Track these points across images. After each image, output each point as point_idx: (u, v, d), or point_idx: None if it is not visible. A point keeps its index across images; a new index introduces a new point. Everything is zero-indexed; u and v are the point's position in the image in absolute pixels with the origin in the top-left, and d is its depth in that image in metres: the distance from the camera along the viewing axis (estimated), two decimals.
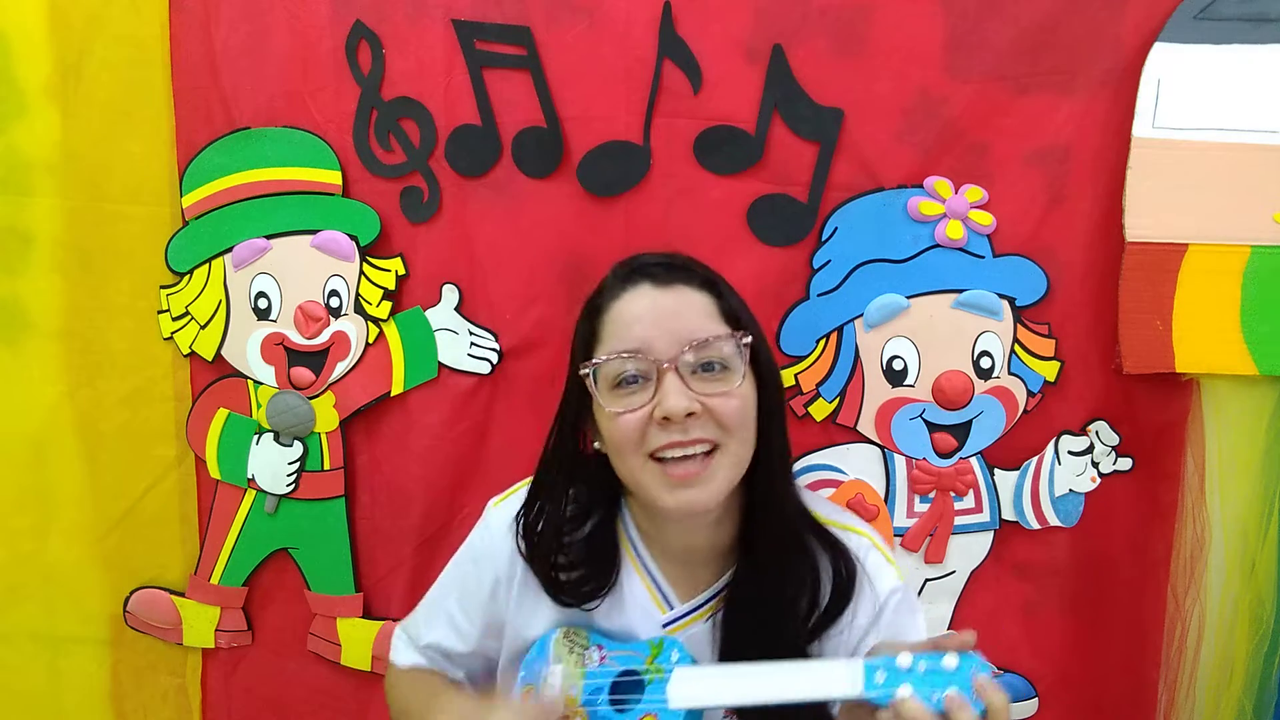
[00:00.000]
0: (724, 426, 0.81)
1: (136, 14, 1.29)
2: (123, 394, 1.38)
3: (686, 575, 0.92)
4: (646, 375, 0.81)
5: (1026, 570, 1.29)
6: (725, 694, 0.78)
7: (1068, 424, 1.26)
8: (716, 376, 0.81)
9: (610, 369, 0.82)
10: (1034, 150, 1.20)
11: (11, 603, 1.43)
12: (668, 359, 0.80)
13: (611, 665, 0.85)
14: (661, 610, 0.92)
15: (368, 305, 1.31)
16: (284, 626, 1.41)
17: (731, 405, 0.81)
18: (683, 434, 0.80)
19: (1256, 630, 1.23)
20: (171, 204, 1.33)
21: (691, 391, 0.80)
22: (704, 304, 0.84)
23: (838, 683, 0.73)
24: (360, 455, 1.36)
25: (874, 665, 0.72)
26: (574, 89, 1.23)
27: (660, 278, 0.85)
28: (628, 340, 0.82)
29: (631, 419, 0.80)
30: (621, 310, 0.84)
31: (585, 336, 0.87)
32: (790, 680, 0.75)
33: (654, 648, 0.86)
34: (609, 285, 0.87)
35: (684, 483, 0.80)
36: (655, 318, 0.82)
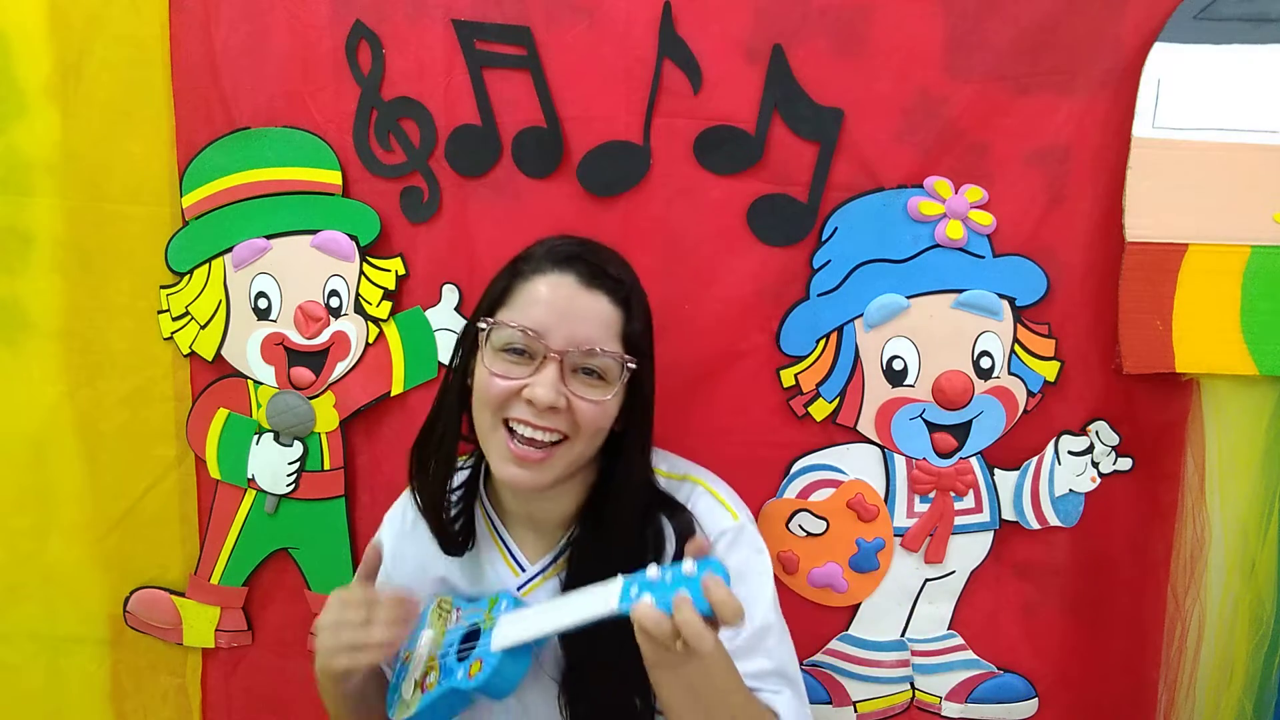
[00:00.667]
0: (577, 426, 0.87)
1: (136, 14, 1.29)
2: (123, 394, 1.38)
3: (535, 539, 0.98)
4: (533, 355, 0.87)
5: (1026, 570, 1.29)
6: (530, 629, 0.85)
7: (1068, 424, 1.26)
8: (591, 383, 0.88)
9: (504, 334, 0.88)
10: (1034, 150, 1.20)
11: (11, 603, 1.43)
12: (557, 350, 0.86)
13: (463, 623, 0.93)
14: (515, 573, 0.98)
15: (368, 305, 1.31)
16: (284, 626, 1.41)
17: (592, 412, 0.87)
18: (537, 419, 0.86)
19: (1256, 630, 1.23)
20: (171, 204, 1.33)
21: (564, 388, 0.86)
22: (611, 318, 0.89)
23: (602, 601, 0.79)
24: (360, 455, 1.36)
25: (630, 581, 0.78)
26: (574, 89, 1.23)
27: (585, 277, 0.89)
28: (531, 318, 0.87)
29: (502, 384, 0.87)
30: (538, 288, 0.89)
31: (496, 292, 0.93)
32: (576, 606, 0.81)
33: (491, 602, 0.93)
34: (539, 257, 0.92)
35: (521, 462, 0.87)
36: (564, 311, 0.87)
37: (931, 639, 1.30)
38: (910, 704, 1.32)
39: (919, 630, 1.30)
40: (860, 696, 1.31)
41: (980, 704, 1.29)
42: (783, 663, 0.95)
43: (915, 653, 1.30)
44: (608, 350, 0.87)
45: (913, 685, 1.31)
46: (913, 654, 1.30)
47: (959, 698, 1.30)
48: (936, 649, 1.30)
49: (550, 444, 0.87)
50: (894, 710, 1.32)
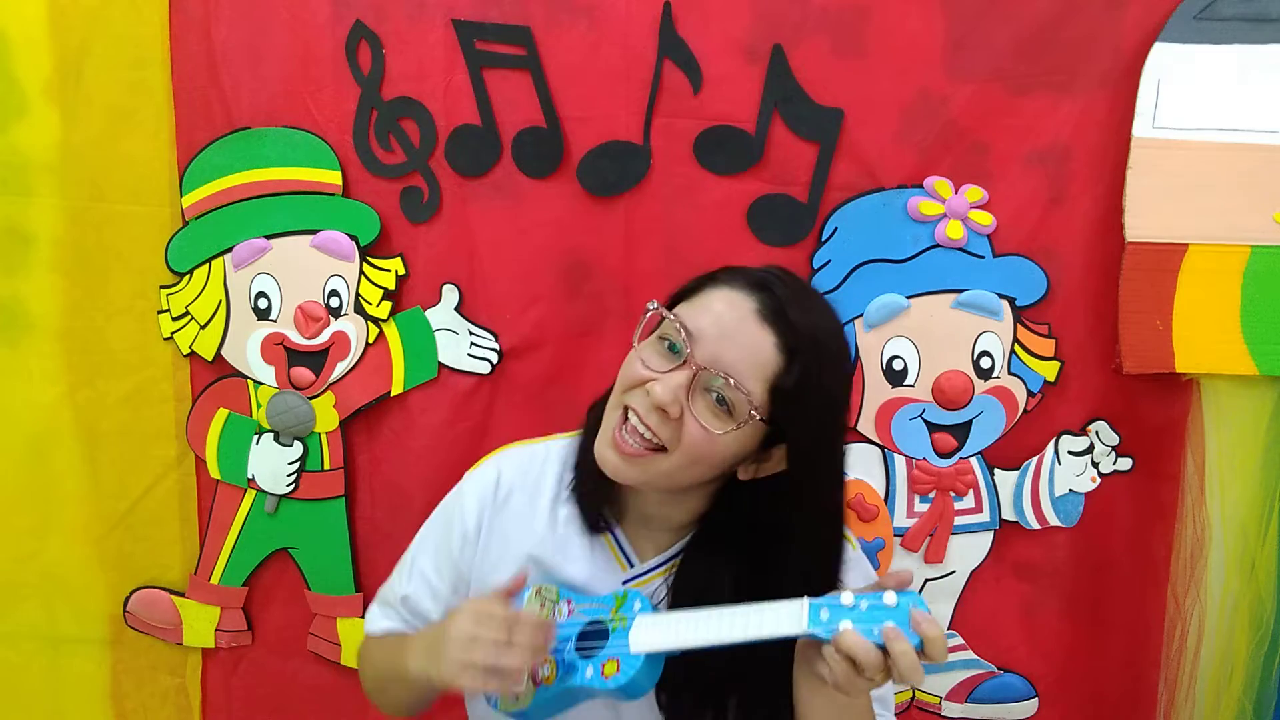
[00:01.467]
0: (678, 441, 0.83)
1: (136, 14, 1.29)
2: (123, 394, 1.38)
3: (648, 536, 0.96)
4: (678, 356, 0.83)
5: (1026, 570, 1.29)
6: (682, 637, 0.81)
7: (1068, 424, 1.26)
8: (716, 410, 0.82)
9: (665, 326, 0.85)
10: (1034, 150, 1.20)
11: (11, 603, 1.43)
12: (697, 361, 0.81)
13: (579, 617, 0.89)
14: (623, 568, 0.95)
15: (368, 305, 1.31)
16: (284, 626, 1.41)
17: (697, 433, 0.82)
18: (646, 415, 0.83)
19: (1256, 630, 1.23)
20: (171, 204, 1.33)
21: (684, 399, 0.82)
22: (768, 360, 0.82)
23: (785, 622, 0.77)
24: (360, 455, 1.36)
25: (818, 604, 0.76)
26: (574, 89, 1.23)
27: (765, 310, 0.83)
28: (697, 322, 0.83)
29: (639, 369, 0.84)
30: (719, 299, 0.85)
31: (689, 288, 0.90)
32: (742, 622, 0.79)
33: (618, 599, 0.89)
34: (739, 274, 0.87)
35: (616, 446, 0.85)
36: (726, 330, 0.82)
37: None
38: (910, 704, 1.32)
39: None
40: None
41: (980, 704, 1.29)
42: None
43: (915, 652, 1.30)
44: (739, 388, 0.80)
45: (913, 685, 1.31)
46: None
47: (959, 698, 1.30)
48: None
49: (651, 446, 0.84)
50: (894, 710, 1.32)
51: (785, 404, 0.82)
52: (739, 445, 0.84)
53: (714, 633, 0.79)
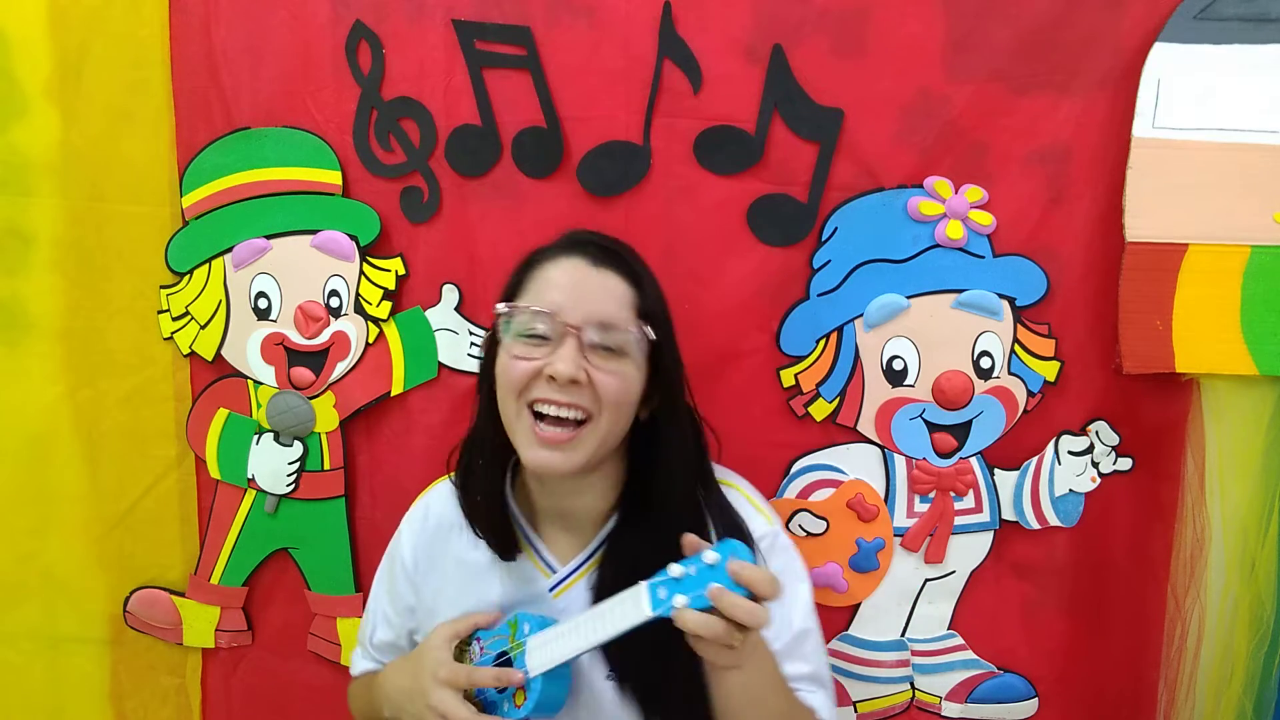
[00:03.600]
0: (600, 400, 0.87)
1: (136, 14, 1.29)
2: (123, 394, 1.38)
3: (566, 538, 0.97)
4: (549, 336, 0.87)
5: (1026, 570, 1.29)
6: (565, 649, 0.83)
7: (1068, 424, 1.26)
8: (610, 357, 0.87)
9: (521, 320, 0.89)
10: (1034, 150, 1.20)
11: (11, 603, 1.43)
12: (573, 325, 0.86)
13: (488, 653, 0.91)
14: (545, 575, 0.97)
15: (368, 305, 1.31)
16: (284, 626, 1.41)
17: (613, 383, 0.87)
18: (560, 394, 0.86)
19: (1256, 630, 1.23)
20: (171, 204, 1.33)
21: (583, 361, 0.86)
22: (624, 293, 0.90)
23: (632, 610, 0.78)
24: (360, 455, 1.36)
25: (655, 584, 0.77)
26: (574, 89, 1.23)
27: (595, 257, 0.91)
28: (544, 301, 0.88)
29: (524, 365, 0.87)
30: (550, 272, 0.91)
31: (513, 284, 0.94)
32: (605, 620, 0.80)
33: (512, 626, 0.91)
34: (551, 247, 0.94)
35: (549, 444, 0.87)
36: (576, 290, 0.88)
37: (931, 639, 1.30)
38: (910, 704, 1.32)
39: (919, 630, 1.30)
40: (860, 696, 1.31)
41: (980, 704, 1.29)
42: (819, 667, 0.96)
43: (915, 653, 1.30)
44: (623, 323, 0.87)
45: (913, 685, 1.31)
46: (913, 654, 1.30)
47: (959, 698, 1.30)
48: (936, 649, 1.30)
49: (576, 423, 0.87)
50: (894, 710, 1.32)
51: (653, 321, 0.90)
52: (639, 379, 0.90)
53: (588, 637, 0.81)
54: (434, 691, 0.87)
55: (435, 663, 0.89)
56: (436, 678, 0.87)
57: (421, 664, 0.91)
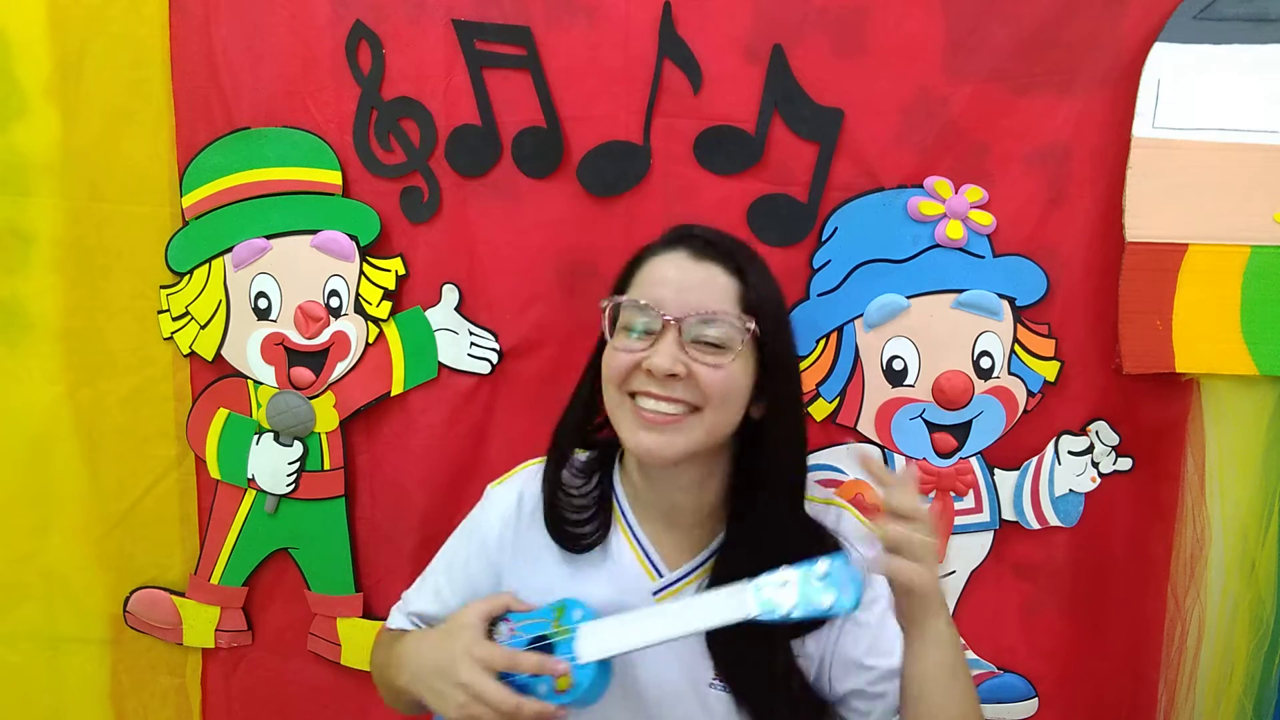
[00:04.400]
0: (704, 394, 0.85)
1: (136, 14, 1.29)
2: (123, 394, 1.38)
3: (675, 541, 0.95)
4: (651, 329, 0.87)
5: (1026, 570, 1.29)
6: (628, 640, 0.81)
7: (1068, 424, 1.26)
8: (712, 351, 0.86)
9: (625, 313, 0.89)
10: (1034, 150, 1.20)
11: (11, 603, 1.43)
12: (675, 317, 0.85)
13: (521, 635, 0.89)
14: (651, 578, 0.94)
15: (368, 305, 1.31)
16: (284, 626, 1.41)
17: (715, 376, 0.85)
18: (660, 389, 0.85)
19: (1256, 630, 1.23)
20: (171, 204, 1.33)
21: (682, 355, 0.85)
22: (727, 285, 0.88)
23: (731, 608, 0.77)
24: (360, 455, 1.36)
25: (761, 584, 0.77)
26: (574, 89, 1.23)
27: (697, 250, 0.90)
28: (647, 294, 0.88)
29: (625, 357, 0.87)
30: (654, 266, 0.90)
31: (622, 277, 0.93)
32: (688, 615, 0.79)
33: (557, 610, 0.89)
34: (657, 241, 0.93)
35: (651, 426, 0.86)
36: (678, 283, 0.87)
37: None
38: None
39: None
40: None
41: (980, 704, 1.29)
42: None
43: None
44: (725, 314, 0.86)
45: None
46: None
47: None
48: None
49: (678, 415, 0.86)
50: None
51: (760, 314, 0.88)
52: (747, 374, 0.88)
53: (661, 630, 0.80)
54: (465, 668, 0.83)
55: (470, 640, 0.86)
56: (471, 654, 0.84)
57: (453, 639, 0.87)
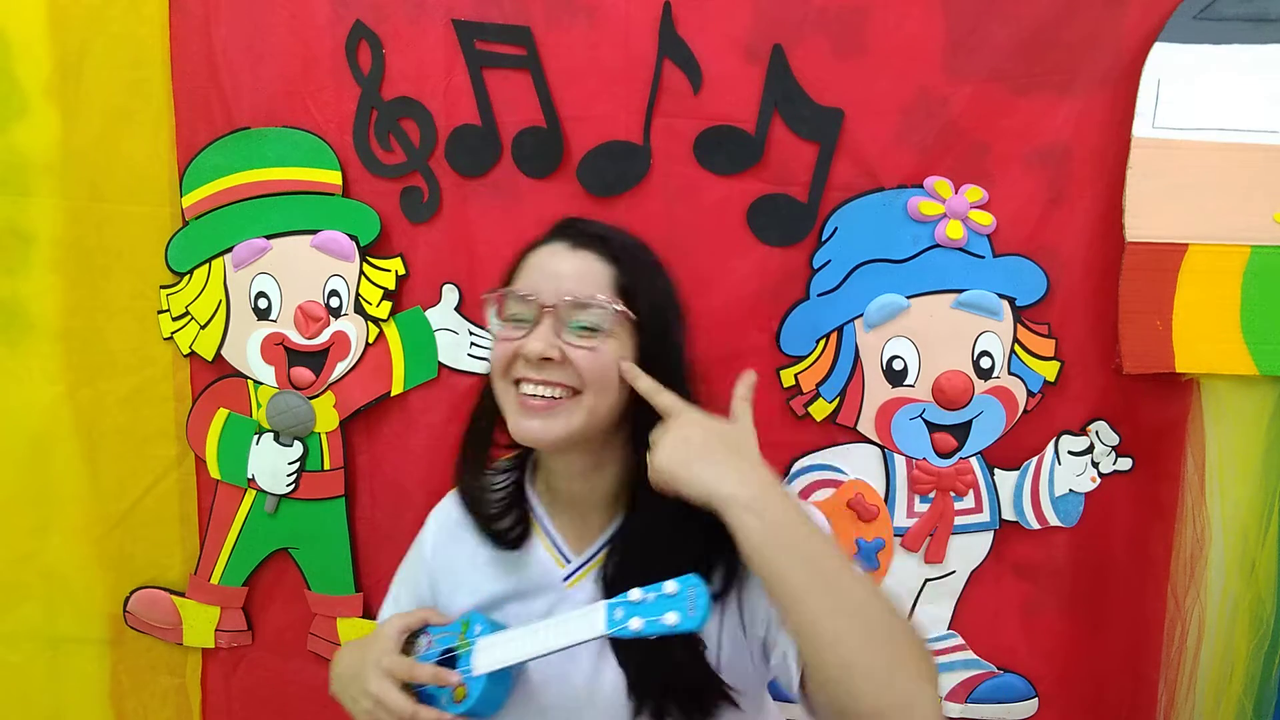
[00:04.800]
0: (580, 376, 0.87)
1: (136, 14, 1.29)
2: (123, 394, 1.38)
3: (577, 528, 0.97)
4: (526, 317, 0.89)
5: (1026, 570, 1.29)
6: (513, 653, 0.85)
7: (1068, 424, 1.26)
8: (587, 335, 0.88)
9: (504, 303, 0.91)
10: (1034, 150, 1.20)
11: (11, 603, 1.43)
12: (548, 304, 0.88)
13: (435, 647, 0.93)
14: (560, 565, 0.96)
15: (368, 305, 1.31)
16: (284, 626, 1.41)
17: (587, 358, 0.87)
18: (537, 373, 0.87)
19: (1256, 630, 1.23)
20: (171, 204, 1.33)
21: (556, 340, 0.87)
22: (601, 272, 0.91)
23: (588, 626, 0.80)
24: (360, 455, 1.36)
25: (613, 604, 0.80)
26: (574, 89, 1.23)
27: (575, 241, 0.92)
28: (524, 284, 0.91)
29: (506, 346, 0.89)
30: (533, 258, 0.93)
31: (509, 272, 0.96)
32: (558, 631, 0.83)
33: (463, 625, 0.93)
34: (538, 239, 0.96)
35: (533, 413, 0.88)
36: (553, 272, 0.90)
37: (931, 639, 1.30)
38: None
39: None
40: None
41: (980, 704, 1.29)
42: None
43: None
44: (596, 298, 0.88)
45: None
46: None
47: (959, 698, 1.30)
48: (936, 649, 1.30)
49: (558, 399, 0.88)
50: None
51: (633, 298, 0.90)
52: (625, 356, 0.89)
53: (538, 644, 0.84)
54: (374, 678, 0.88)
55: (381, 651, 0.91)
56: (379, 665, 0.89)
57: (368, 650, 0.92)
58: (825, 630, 0.72)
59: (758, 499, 0.78)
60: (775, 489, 0.80)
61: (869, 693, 0.70)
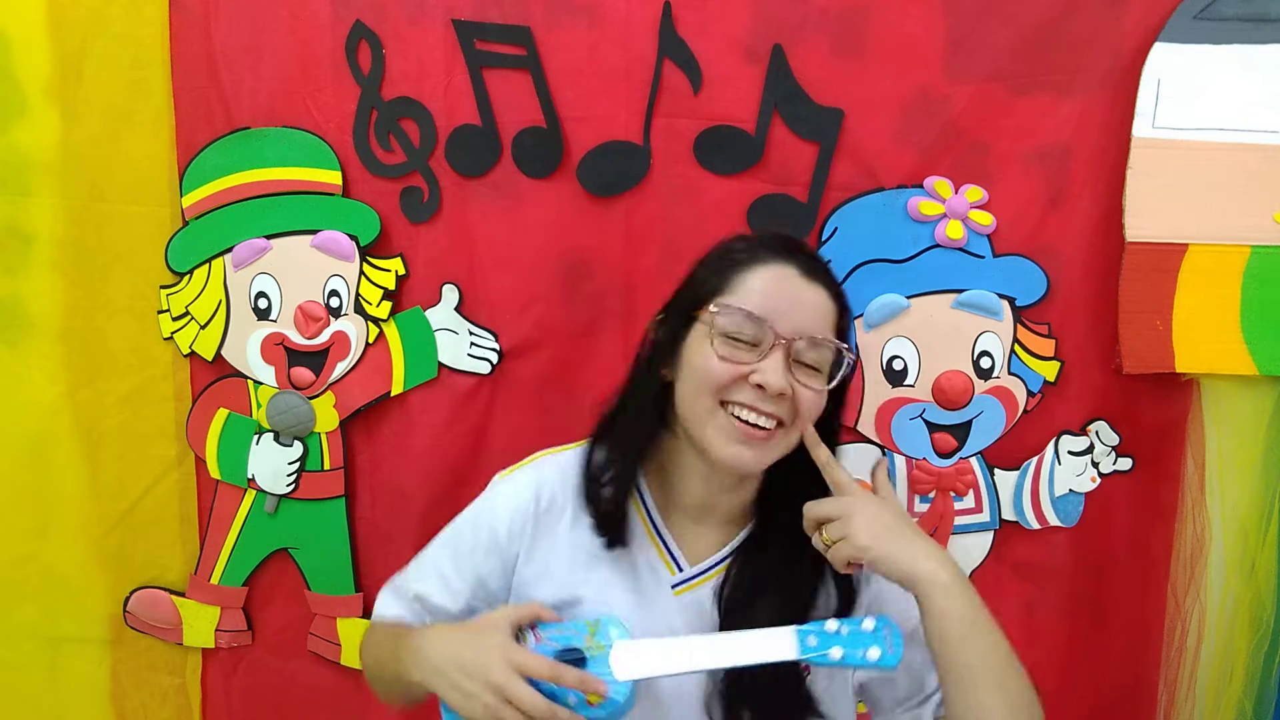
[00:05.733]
0: (797, 413, 0.87)
1: (136, 14, 1.29)
2: (123, 394, 1.38)
3: (698, 538, 0.95)
4: (757, 342, 0.86)
5: (1026, 570, 1.29)
6: (668, 663, 0.82)
7: (1068, 424, 1.26)
8: (811, 373, 0.88)
9: (733, 320, 0.87)
10: (1034, 150, 1.20)
11: (11, 603, 1.43)
12: (785, 337, 0.86)
13: (549, 644, 0.88)
14: (671, 572, 0.94)
15: (368, 305, 1.31)
16: (284, 626, 1.41)
17: (812, 400, 0.87)
18: (763, 403, 0.85)
19: (1256, 630, 1.23)
20: (171, 204, 1.33)
21: (790, 376, 0.85)
22: (830, 311, 0.90)
23: (773, 648, 0.79)
24: (360, 455, 1.36)
25: (805, 631, 0.80)
26: (574, 89, 1.23)
27: (807, 269, 0.90)
28: (760, 305, 0.86)
29: (730, 367, 0.86)
30: (764, 276, 0.89)
31: (711, 279, 0.91)
32: (728, 648, 0.81)
33: (591, 626, 0.88)
34: (756, 247, 0.91)
35: (748, 441, 0.86)
36: (792, 300, 0.87)
37: None
38: None
39: None
40: None
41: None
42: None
43: None
44: (828, 341, 0.88)
45: None
46: None
47: None
48: None
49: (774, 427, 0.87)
50: None
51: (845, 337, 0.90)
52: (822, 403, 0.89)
53: (701, 659, 0.81)
54: (499, 669, 0.82)
55: (503, 641, 0.85)
56: (506, 656, 0.83)
57: (483, 638, 0.86)
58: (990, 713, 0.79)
59: (955, 583, 0.81)
60: (964, 575, 0.83)
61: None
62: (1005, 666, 0.82)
